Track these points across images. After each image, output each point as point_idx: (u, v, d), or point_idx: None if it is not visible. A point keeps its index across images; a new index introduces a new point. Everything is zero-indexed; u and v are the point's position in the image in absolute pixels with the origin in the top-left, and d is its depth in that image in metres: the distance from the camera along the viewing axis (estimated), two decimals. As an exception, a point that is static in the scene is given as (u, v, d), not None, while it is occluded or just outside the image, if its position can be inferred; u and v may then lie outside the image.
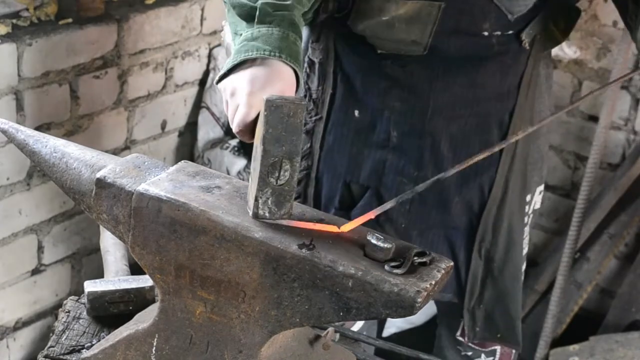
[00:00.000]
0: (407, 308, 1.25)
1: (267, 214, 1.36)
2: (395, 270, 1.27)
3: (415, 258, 1.30)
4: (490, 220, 2.04)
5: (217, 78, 1.57)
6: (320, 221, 1.37)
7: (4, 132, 1.59)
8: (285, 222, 1.35)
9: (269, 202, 1.36)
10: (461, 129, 1.96)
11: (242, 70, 1.53)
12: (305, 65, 2.02)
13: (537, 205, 2.18)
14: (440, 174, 1.45)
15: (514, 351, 2.22)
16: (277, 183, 1.36)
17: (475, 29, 1.88)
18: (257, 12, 1.57)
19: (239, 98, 1.50)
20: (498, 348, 2.19)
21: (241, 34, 1.59)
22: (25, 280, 2.83)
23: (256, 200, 1.35)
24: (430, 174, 1.96)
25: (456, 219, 2.04)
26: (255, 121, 1.46)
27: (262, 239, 1.31)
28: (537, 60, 1.99)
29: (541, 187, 2.16)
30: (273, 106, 1.34)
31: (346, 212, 2.02)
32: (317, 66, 2.01)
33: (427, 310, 3.27)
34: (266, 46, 1.53)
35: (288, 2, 1.60)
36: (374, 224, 1.91)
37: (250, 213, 1.36)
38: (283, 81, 1.53)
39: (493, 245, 2.06)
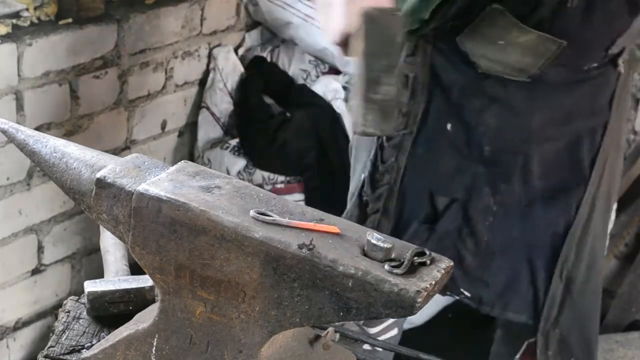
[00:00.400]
0: (407, 308, 1.25)
1: (372, 130, 1.33)
2: (395, 270, 1.27)
3: (415, 258, 1.30)
4: (574, 241, 2.02)
5: None
6: (320, 221, 1.37)
7: (4, 132, 1.59)
8: (285, 222, 1.35)
9: (372, 117, 1.33)
10: (553, 148, 1.96)
11: None
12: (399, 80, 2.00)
13: (612, 224, 2.16)
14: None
15: None
16: (377, 98, 1.33)
17: (579, 65, 1.89)
18: None
19: (337, 7, 1.45)
20: None
21: None
22: (25, 280, 2.83)
23: (363, 117, 1.32)
24: (517, 189, 1.96)
25: (539, 237, 2.02)
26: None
27: (262, 239, 1.31)
28: (626, 77, 1.99)
29: (615, 204, 2.14)
30: (370, 18, 1.31)
31: (431, 225, 2.01)
32: (410, 80, 1.99)
33: (427, 310, 3.27)
34: None
35: None
36: (457, 238, 1.91)
37: (358, 130, 1.33)
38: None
39: (575, 267, 2.03)
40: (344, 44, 1.44)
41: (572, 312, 2.07)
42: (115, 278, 1.70)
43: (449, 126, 1.99)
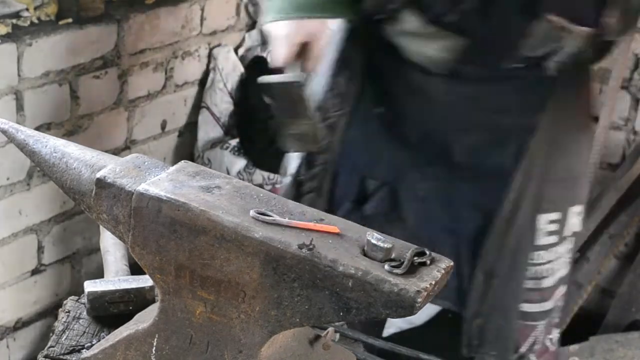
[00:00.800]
0: (407, 308, 1.25)
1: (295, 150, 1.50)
2: (395, 270, 1.27)
3: (415, 258, 1.30)
4: (496, 237, 2.03)
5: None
6: (320, 221, 1.37)
7: (4, 132, 1.59)
8: (285, 222, 1.35)
9: (294, 145, 1.68)
10: (478, 141, 1.98)
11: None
12: (335, 60, 2.06)
13: (576, 228, 2.13)
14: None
15: None
16: (296, 133, 1.69)
17: (495, 64, 1.91)
18: None
19: (280, 40, 1.84)
20: None
21: None
22: (25, 280, 2.83)
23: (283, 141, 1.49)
24: (442, 177, 2.00)
25: (464, 227, 2.04)
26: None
27: (262, 239, 1.31)
28: (568, 83, 1.99)
29: (576, 209, 2.10)
30: (276, 86, 1.43)
31: (360, 207, 2.04)
32: (348, 62, 2.05)
33: (427, 310, 3.27)
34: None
35: None
36: (384, 222, 1.92)
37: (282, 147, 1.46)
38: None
39: (497, 263, 2.04)
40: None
41: (493, 305, 2.09)
42: (115, 278, 1.70)
43: (380, 110, 2.04)
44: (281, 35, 1.82)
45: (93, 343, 1.57)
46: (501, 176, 1.99)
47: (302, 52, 1.84)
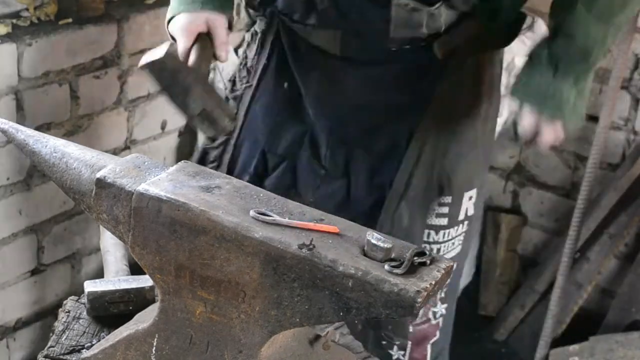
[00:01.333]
0: (407, 308, 1.25)
1: (211, 135, 1.49)
2: (395, 270, 1.27)
3: (415, 258, 1.30)
4: (390, 213, 2.06)
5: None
6: (320, 221, 1.37)
7: (4, 132, 1.60)
8: (285, 222, 1.35)
9: (203, 126, 1.67)
10: (371, 120, 2.02)
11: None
12: (248, 35, 2.14)
13: (471, 212, 2.15)
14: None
15: (428, 349, 2.23)
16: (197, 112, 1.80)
17: (381, 46, 1.93)
18: None
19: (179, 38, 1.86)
20: (409, 343, 2.21)
21: None
22: (25, 280, 2.83)
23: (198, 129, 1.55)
24: (339, 155, 2.04)
25: (360, 204, 2.08)
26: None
27: (262, 239, 1.31)
28: (460, 68, 2.00)
29: (469, 194, 2.13)
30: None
31: (260, 180, 2.09)
32: (258, 36, 2.11)
33: (427, 310, 3.27)
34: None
35: None
36: (285, 197, 1.96)
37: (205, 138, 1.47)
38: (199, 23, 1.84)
39: (394, 235, 2.07)
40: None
41: None
42: (115, 278, 1.70)
43: (285, 85, 2.09)
44: (179, 28, 1.85)
45: (93, 343, 1.58)
46: (394, 155, 2.03)
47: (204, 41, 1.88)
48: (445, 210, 2.11)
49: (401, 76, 1.97)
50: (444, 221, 2.12)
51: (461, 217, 2.13)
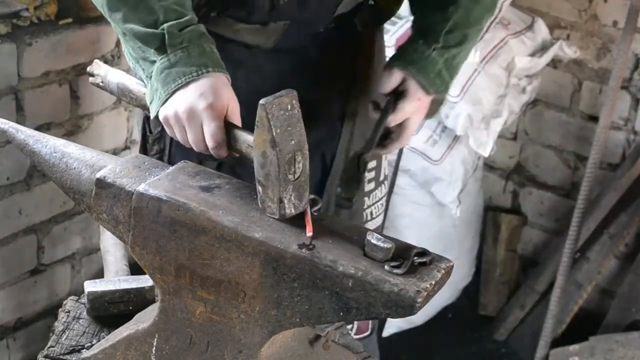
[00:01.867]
0: (407, 308, 1.25)
1: (292, 211, 1.36)
2: (395, 270, 1.27)
3: (415, 258, 1.30)
4: (333, 190, 2.07)
5: (153, 112, 1.59)
6: (320, 221, 1.37)
7: (4, 132, 1.60)
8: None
9: (292, 198, 1.36)
10: (305, 108, 1.99)
11: (180, 95, 1.55)
12: None
13: (387, 172, 2.21)
14: None
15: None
16: (295, 178, 1.36)
17: (312, 30, 1.92)
18: (167, 38, 1.57)
19: (200, 115, 1.52)
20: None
21: (153, 61, 1.59)
22: (25, 280, 2.83)
23: (281, 202, 1.35)
24: None
25: None
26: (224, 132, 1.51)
27: (262, 239, 1.31)
28: (370, 35, 2.04)
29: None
30: (273, 106, 1.35)
31: None
32: None
33: (427, 310, 3.27)
34: (191, 68, 1.56)
35: (188, 15, 1.61)
36: None
37: (277, 216, 1.36)
38: (226, 86, 1.58)
39: (336, 214, 2.08)
40: (223, 144, 1.53)
41: None
42: (115, 278, 1.70)
43: None
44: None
45: (93, 343, 1.58)
46: (332, 138, 2.02)
47: None
48: (373, 174, 2.15)
49: (327, 57, 1.96)
50: (372, 185, 2.16)
51: (382, 177, 2.18)
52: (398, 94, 1.89)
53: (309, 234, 1.33)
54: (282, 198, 1.36)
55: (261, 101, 1.37)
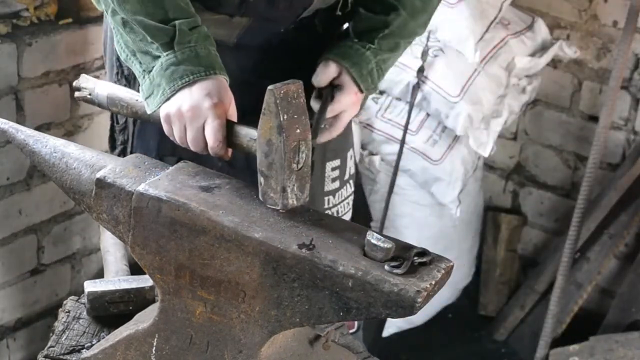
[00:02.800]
0: (407, 308, 1.25)
1: (295, 202, 1.36)
2: (395, 270, 1.27)
3: (415, 258, 1.30)
4: None
5: (152, 107, 1.59)
6: (320, 221, 1.37)
7: (4, 132, 1.60)
8: None
9: (295, 188, 1.36)
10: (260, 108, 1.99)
11: (185, 93, 1.56)
12: (111, 43, 2.05)
13: (352, 171, 2.21)
14: None
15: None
16: (298, 167, 1.36)
17: (274, 29, 1.93)
18: (177, 35, 1.59)
19: (204, 113, 1.53)
20: None
21: (157, 56, 1.60)
22: (25, 280, 2.83)
23: (284, 191, 1.35)
24: None
25: None
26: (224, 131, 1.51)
27: (262, 239, 1.31)
28: (330, 37, 2.03)
29: (350, 153, 2.20)
30: (281, 93, 1.35)
31: None
32: None
33: (427, 310, 3.27)
34: (199, 67, 1.58)
35: (195, 16, 1.64)
36: None
37: (280, 206, 1.35)
38: (228, 89, 1.61)
39: None
40: (224, 143, 1.53)
41: None
42: (115, 278, 1.70)
43: None
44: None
45: (93, 343, 1.58)
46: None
47: None
48: (337, 173, 2.15)
49: (287, 58, 1.96)
50: (337, 184, 2.16)
51: (347, 176, 2.18)
52: (334, 87, 1.89)
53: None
54: (286, 187, 1.35)
55: (270, 87, 1.37)
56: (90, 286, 1.65)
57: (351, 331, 2.36)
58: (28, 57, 2.61)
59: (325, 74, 1.90)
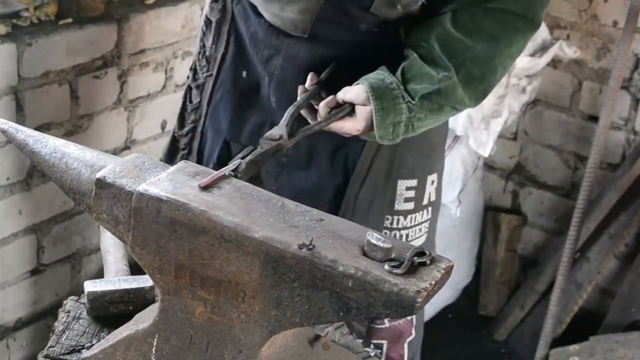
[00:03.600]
0: (407, 308, 1.25)
1: None
2: (395, 270, 1.27)
3: (415, 258, 1.30)
4: (352, 197, 2.06)
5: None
6: (320, 221, 1.37)
7: (4, 132, 1.59)
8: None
9: None
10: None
11: None
12: (203, 23, 2.14)
13: (433, 197, 2.16)
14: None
15: (405, 348, 2.21)
16: None
17: (353, 24, 1.92)
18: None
19: None
20: (385, 342, 2.20)
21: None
22: (25, 280, 2.83)
23: None
24: (300, 142, 1.92)
25: (322, 190, 2.07)
26: None
27: (262, 239, 1.31)
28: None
29: (432, 177, 2.14)
30: None
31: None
32: (213, 25, 2.10)
33: (427, 310, 3.27)
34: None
35: None
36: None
37: None
38: None
39: (352, 220, 2.07)
40: None
41: None
42: (115, 278, 1.70)
43: (244, 74, 2.08)
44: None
45: (93, 343, 1.58)
46: (357, 139, 1.97)
47: None
48: (412, 194, 2.11)
49: (365, 59, 1.94)
50: (410, 205, 2.12)
51: (425, 201, 2.14)
52: (352, 109, 1.85)
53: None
54: None
55: None
56: (90, 286, 1.65)
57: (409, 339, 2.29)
58: (28, 57, 2.61)
59: (351, 93, 1.85)
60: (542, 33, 3.23)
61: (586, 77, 3.36)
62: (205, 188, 1.40)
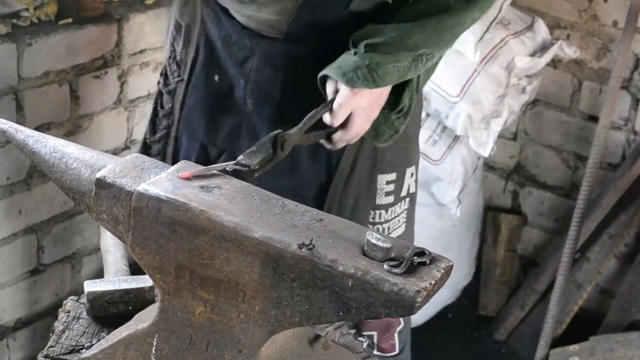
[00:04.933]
0: (406, 308, 1.25)
1: None
2: (395, 270, 1.27)
3: (415, 258, 1.30)
4: (337, 194, 2.06)
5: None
6: (320, 221, 1.37)
7: (4, 132, 1.60)
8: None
9: None
10: (311, 101, 1.96)
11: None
12: (172, 27, 2.12)
13: (412, 189, 2.18)
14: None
15: (396, 338, 2.23)
16: None
17: (329, 24, 1.93)
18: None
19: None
20: (375, 333, 2.22)
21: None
22: (25, 280, 2.83)
23: None
24: None
25: (306, 187, 2.07)
26: None
27: (262, 239, 1.31)
28: None
29: (410, 170, 2.17)
30: None
31: None
32: (183, 29, 2.09)
33: (427, 310, 3.27)
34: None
35: None
36: None
37: None
38: None
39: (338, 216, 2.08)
40: None
41: None
42: (115, 278, 1.70)
43: (216, 77, 2.07)
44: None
45: (93, 343, 1.58)
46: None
47: None
48: (392, 187, 2.14)
49: (340, 54, 1.93)
50: (390, 199, 2.14)
51: (403, 193, 2.16)
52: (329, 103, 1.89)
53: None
54: None
55: None
56: (90, 286, 1.65)
57: (393, 354, 2.31)
58: (28, 57, 2.62)
59: (329, 90, 1.89)
60: (542, 33, 3.23)
61: (586, 77, 3.36)
62: (187, 179, 1.40)
